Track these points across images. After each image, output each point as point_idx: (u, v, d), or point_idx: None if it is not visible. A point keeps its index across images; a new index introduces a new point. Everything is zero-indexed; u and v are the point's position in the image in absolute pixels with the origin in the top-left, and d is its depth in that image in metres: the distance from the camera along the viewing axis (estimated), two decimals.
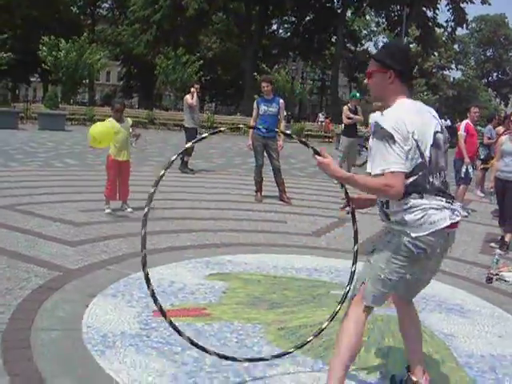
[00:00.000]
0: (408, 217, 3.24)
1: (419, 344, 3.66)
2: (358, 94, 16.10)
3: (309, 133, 36.94)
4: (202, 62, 47.70)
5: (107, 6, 72.99)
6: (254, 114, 11.12)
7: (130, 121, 9.18)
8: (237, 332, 4.48)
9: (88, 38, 45.67)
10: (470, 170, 11.26)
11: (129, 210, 8.93)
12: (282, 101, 11.23)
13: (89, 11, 69.85)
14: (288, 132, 4.73)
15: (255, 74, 43.40)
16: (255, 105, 11.19)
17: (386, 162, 3.18)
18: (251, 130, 11.27)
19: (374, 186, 3.22)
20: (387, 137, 3.18)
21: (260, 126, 10.40)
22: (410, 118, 3.25)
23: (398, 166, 3.16)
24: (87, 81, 52.64)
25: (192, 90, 15.17)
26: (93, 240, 7.07)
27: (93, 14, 69.95)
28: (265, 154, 11.14)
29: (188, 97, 15.16)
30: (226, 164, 17.98)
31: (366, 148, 17.14)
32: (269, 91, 11.07)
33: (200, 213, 9.34)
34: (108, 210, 8.73)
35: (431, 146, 3.30)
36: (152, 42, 55.65)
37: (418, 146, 3.24)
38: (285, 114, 19.39)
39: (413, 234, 3.23)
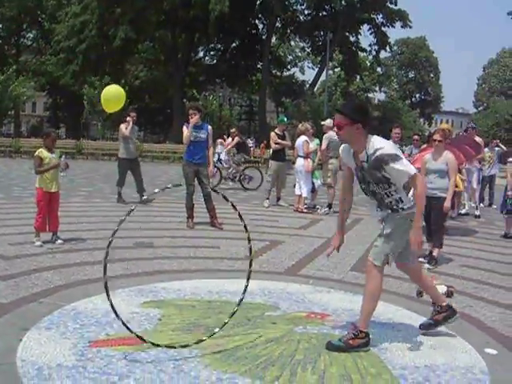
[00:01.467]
0: (410, 202, 4.94)
1: (429, 287, 5.53)
2: (285, 119, 16.42)
3: None
4: (127, 88, 47.14)
5: (31, 35, 72.05)
6: (189, 128, 10.86)
7: (58, 152, 9.08)
8: (174, 358, 4.48)
9: (14, 70, 44.89)
10: None
11: (59, 241, 8.81)
12: (210, 127, 11.21)
13: (13, 41, 68.78)
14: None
15: (184, 100, 43.35)
16: (184, 128, 11.03)
17: (409, 170, 4.72)
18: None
19: (422, 189, 4.80)
20: (395, 156, 4.67)
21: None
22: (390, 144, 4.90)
23: (414, 169, 4.80)
24: (12, 112, 51.71)
25: (128, 118, 14.21)
26: (24, 273, 6.94)
27: (17, 44, 68.87)
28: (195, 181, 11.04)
29: (122, 126, 14.21)
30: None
31: None
32: (196, 118, 10.94)
33: (132, 241, 9.26)
34: (38, 243, 8.58)
35: None
36: (78, 71, 54.98)
37: None
38: (232, 141, 19.43)
39: (412, 211, 4.89)
